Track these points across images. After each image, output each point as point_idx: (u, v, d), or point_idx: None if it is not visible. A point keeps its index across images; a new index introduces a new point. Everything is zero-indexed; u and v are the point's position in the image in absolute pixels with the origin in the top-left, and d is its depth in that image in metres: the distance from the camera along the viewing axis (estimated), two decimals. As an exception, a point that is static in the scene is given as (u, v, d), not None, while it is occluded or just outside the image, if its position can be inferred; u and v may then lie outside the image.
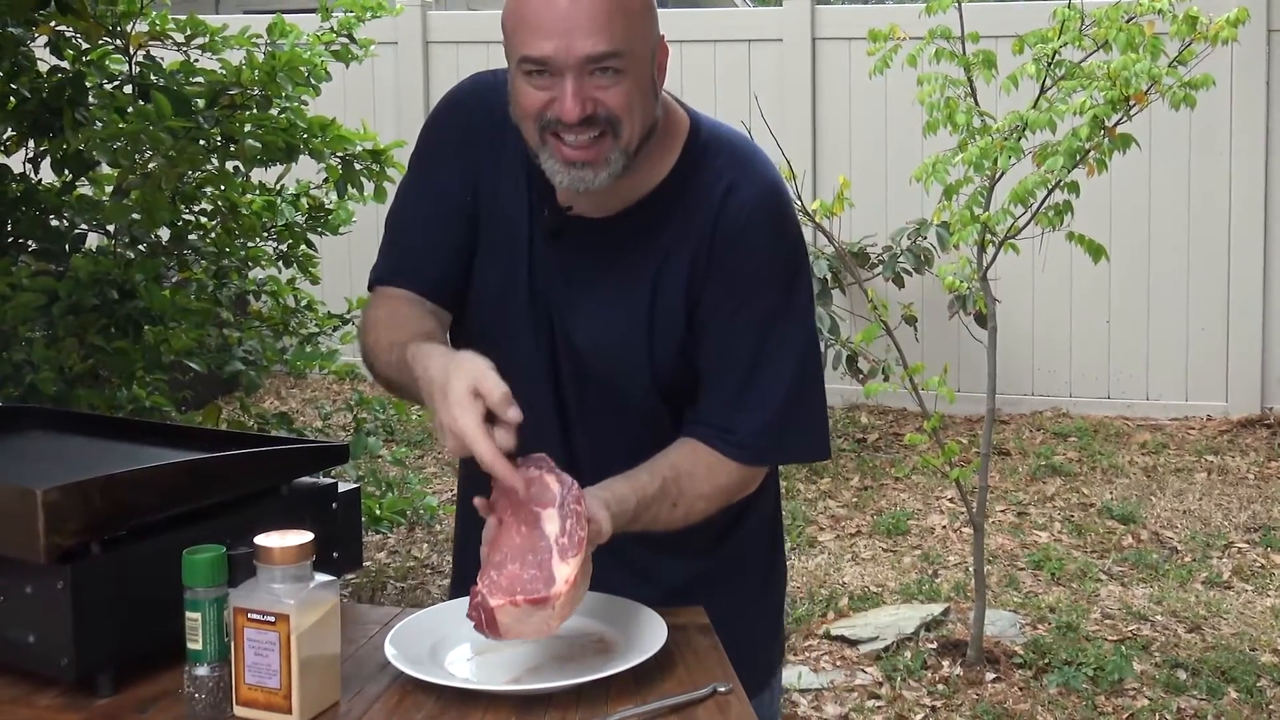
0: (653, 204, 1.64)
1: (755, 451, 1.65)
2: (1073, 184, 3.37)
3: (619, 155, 1.55)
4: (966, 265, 3.66)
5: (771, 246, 1.65)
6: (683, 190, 1.64)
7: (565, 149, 1.53)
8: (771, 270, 1.65)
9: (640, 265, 1.64)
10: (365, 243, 6.89)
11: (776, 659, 1.87)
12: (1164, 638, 4.17)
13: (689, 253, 1.63)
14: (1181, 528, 5.27)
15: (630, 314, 1.65)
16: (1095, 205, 3.74)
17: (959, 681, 3.83)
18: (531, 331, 1.69)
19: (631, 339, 1.65)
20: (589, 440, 1.70)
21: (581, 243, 1.66)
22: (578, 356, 1.68)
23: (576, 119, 1.50)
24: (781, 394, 1.64)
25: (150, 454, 1.64)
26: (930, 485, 5.77)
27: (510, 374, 1.65)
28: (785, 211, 1.68)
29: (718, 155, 1.66)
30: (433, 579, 4.88)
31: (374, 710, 1.32)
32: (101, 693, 1.35)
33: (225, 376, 3.80)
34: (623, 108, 1.52)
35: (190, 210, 3.80)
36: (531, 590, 1.32)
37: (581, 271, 1.67)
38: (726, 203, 1.62)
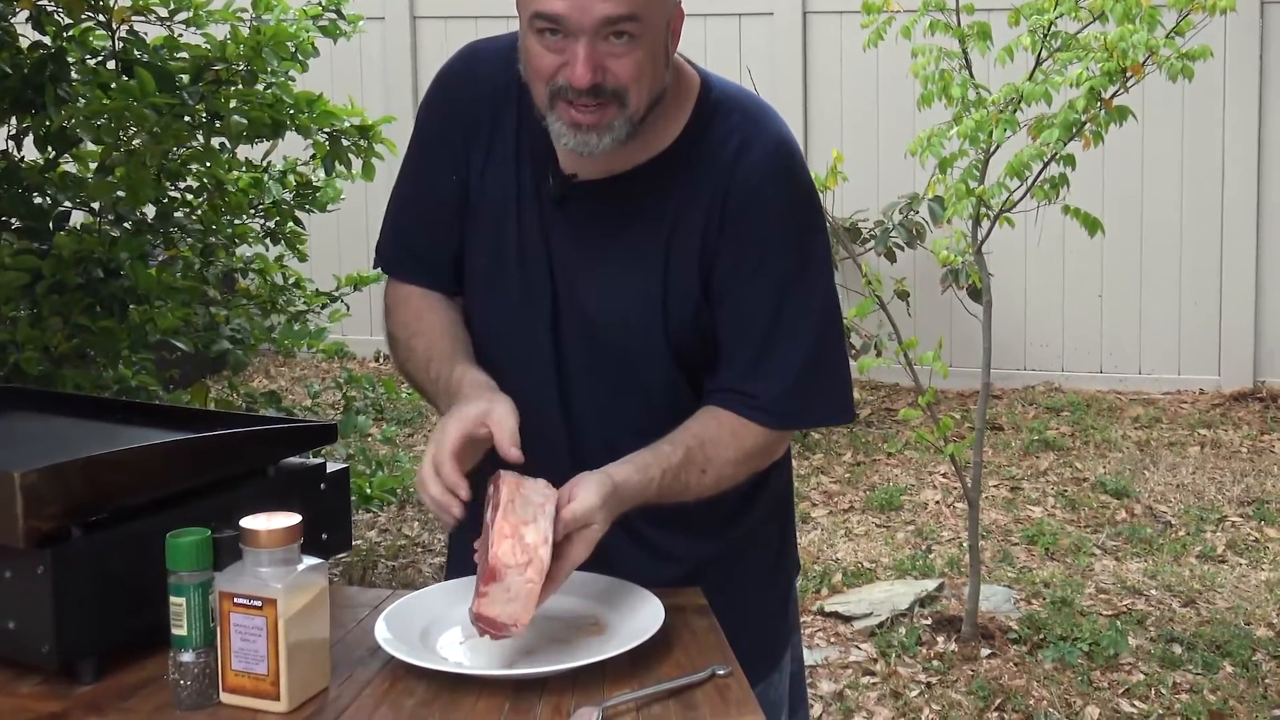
0: (662, 165, 1.61)
1: (779, 416, 1.62)
2: (1068, 157, 3.34)
3: (623, 123, 1.53)
4: (961, 239, 3.62)
5: (786, 205, 1.61)
6: (693, 150, 1.61)
7: (572, 111, 1.51)
8: (787, 229, 1.61)
9: (652, 228, 1.61)
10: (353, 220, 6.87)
11: (787, 637, 1.83)
12: (1159, 612, 4.16)
13: (702, 214, 1.59)
14: (1175, 502, 5.26)
15: (645, 279, 1.61)
16: (1088, 178, 3.71)
17: (954, 657, 3.82)
18: (526, 304, 1.65)
19: (647, 306, 1.61)
20: (596, 415, 1.66)
21: (590, 208, 1.63)
22: (589, 327, 1.64)
23: (587, 85, 1.48)
24: (802, 356, 1.61)
25: (135, 435, 1.60)
26: (923, 460, 5.74)
27: (504, 350, 1.63)
28: (798, 168, 1.64)
29: (729, 114, 1.62)
30: (424, 557, 4.85)
31: (364, 696, 1.29)
32: (84, 680, 1.32)
33: (213, 355, 3.76)
34: (631, 78, 1.50)
35: (175, 187, 3.75)
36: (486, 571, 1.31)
37: (591, 238, 1.63)
38: (739, 162, 1.59)
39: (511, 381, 1.65)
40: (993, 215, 3.50)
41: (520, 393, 1.64)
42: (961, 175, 3.43)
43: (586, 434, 1.60)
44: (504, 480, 1.38)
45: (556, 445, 1.65)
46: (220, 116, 3.17)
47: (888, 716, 3.50)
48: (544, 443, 1.61)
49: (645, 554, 1.61)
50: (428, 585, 4.63)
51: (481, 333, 1.70)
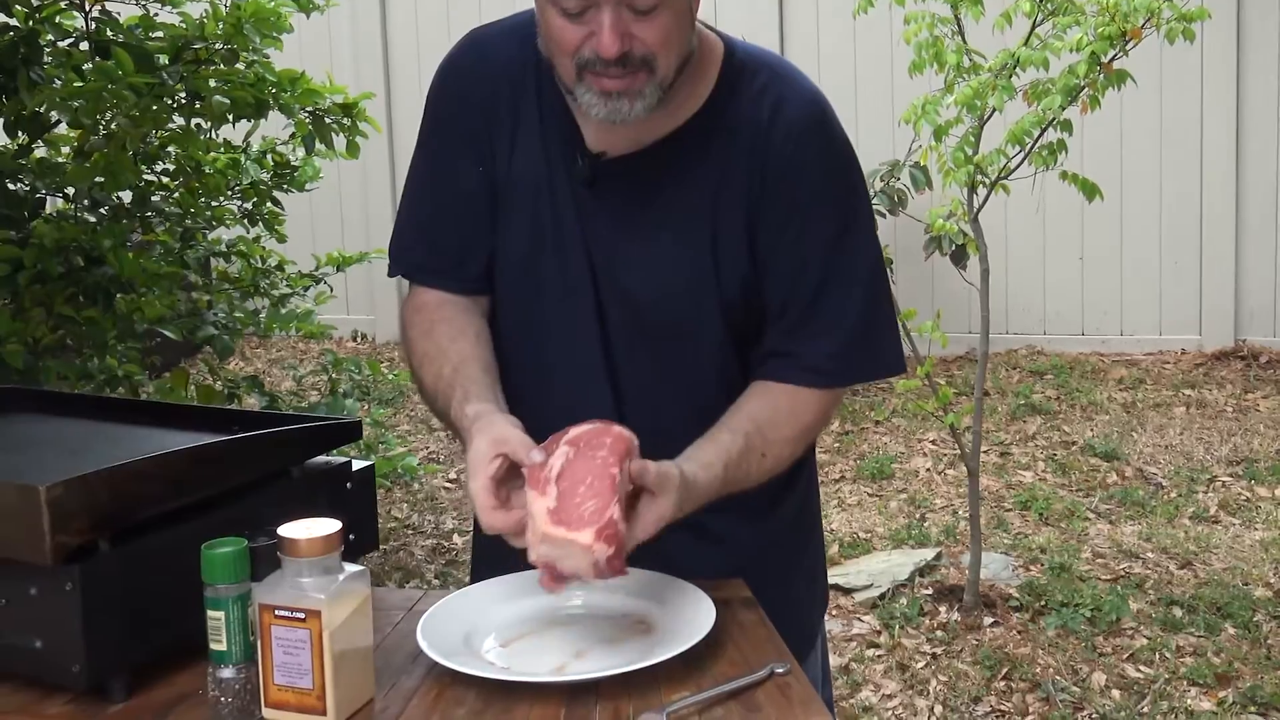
0: (694, 131, 1.56)
1: (831, 375, 1.57)
2: (1066, 122, 3.30)
3: (654, 89, 1.48)
4: (959, 207, 3.58)
5: (826, 160, 1.57)
6: (723, 114, 1.56)
7: (604, 80, 1.46)
8: (829, 185, 1.57)
9: (694, 197, 1.56)
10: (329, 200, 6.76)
11: (821, 615, 1.80)
12: (1157, 575, 4.16)
13: (744, 177, 1.54)
14: (1165, 463, 5.27)
15: (694, 251, 1.56)
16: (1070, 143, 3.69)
17: (957, 627, 3.80)
18: (566, 292, 1.60)
19: (697, 277, 1.56)
20: (646, 400, 1.60)
21: (623, 185, 1.57)
22: (635, 308, 1.58)
23: (615, 55, 1.43)
24: (854, 312, 1.57)
25: (145, 436, 1.54)
26: (911, 428, 5.73)
27: (545, 340, 1.58)
28: (833, 122, 1.60)
29: (756, 75, 1.58)
30: (414, 539, 4.80)
31: (412, 706, 1.24)
32: (115, 698, 1.26)
33: (197, 342, 3.68)
34: (660, 44, 1.45)
35: (152, 170, 3.66)
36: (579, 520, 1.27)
37: (630, 215, 1.58)
38: (775, 121, 1.54)
39: (555, 372, 1.62)
40: (989, 182, 3.46)
41: (565, 383, 1.62)
42: (959, 143, 3.38)
43: (638, 420, 1.55)
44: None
45: None
46: (201, 97, 3.08)
47: (896, 689, 3.48)
48: None
49: (693, 537, 1.55)
50: (420, 567, 4.58)
51: (519, 324, 1.65)
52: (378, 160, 7.14)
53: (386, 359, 7.06)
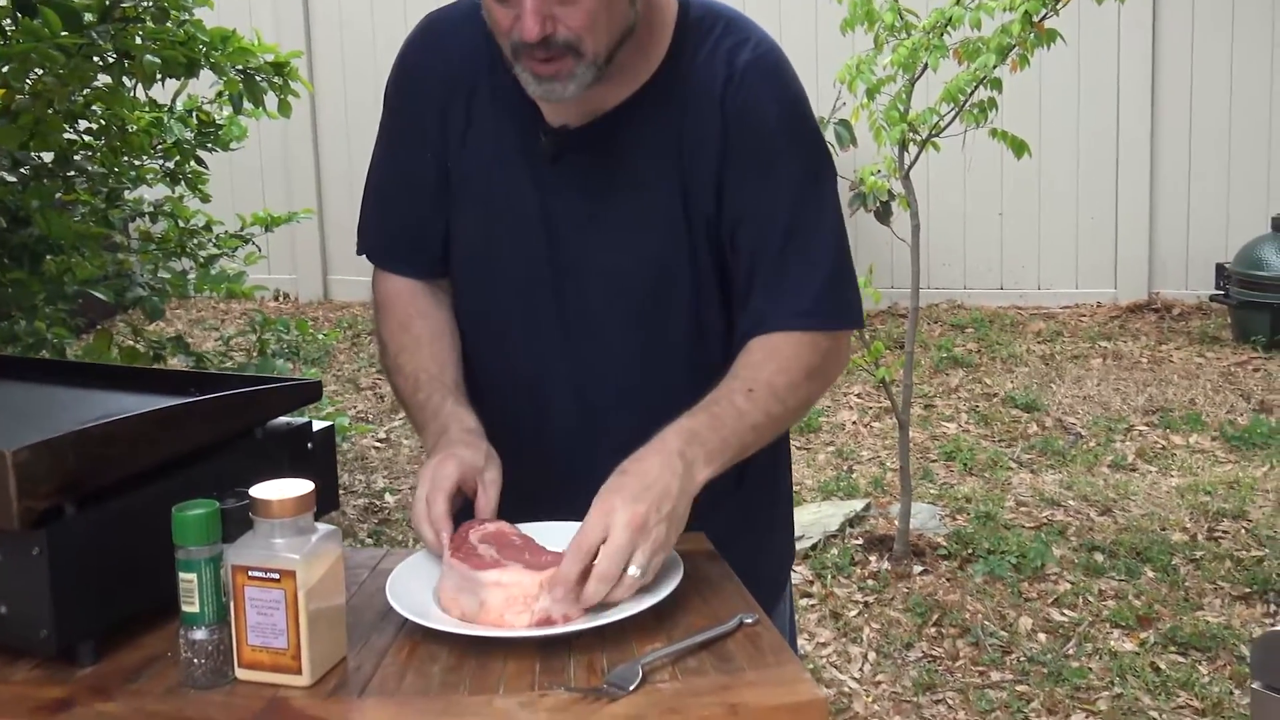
0: (652, 94, 1.57)
1: (823, 315, 1.57)
2: (996, 80, 3.35)
3: (586, 70, 1.48)
4: (891, 164, 3.62)
5: (786, 106, 1.56)
6: (682, 72, 1.56)
7: (533, 64, 1.47)
8: (792, 130, 1.56)
9: (657, 160, 1.56)
10: (250, 159, 6.65)
11: (787, 574, 1.83)
12: (1078, 522, 4.27)
13: (707, 132, 1.55)
14: (1083, 413, 5.40)
15: (666, 214, 1.56)
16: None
17: (888, 576, 3.88)
18: (527, 272, 1.62)
19: (670, 240, 1.57)
20: (615, 380, 1.62)
21: (585, 157, 1.58)
22: (606, 279, 1.59)
23: (535, 38, 1.44)
24: (829, 256, 1.58)
25: (101, 399, 1.53)
26: (838, 382, 5.80)
27: (504, 323, 1.65)
28: (789, 69, 1.60)
29: (711, 29, 1.58)
30: (346, 499, 4.78)
31: (386, 664, 1.25)
32: (83, 663, 1.26)
33: (126, 304, 3.63)
34: (583, 28, 1.45)
35: (74, 129, 3.58)
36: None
37: (595, 187, 1.58)
38: (732, 72, 1.55)
39: (516, 356, 1.64)
40: (920, 140, 3.51)
41: (528, 364, 1.64)
42: (892, 101, 3.42)
43: (606, 406, 1.57)
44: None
45: (570, 421, 1.64)
46: (131, 56, 3.01)
47: (830, 637, 3.56)
48: (558, 420, 1.64)
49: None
50: (353, 527, 4.56)
51: (480, 308, 1.67)
52: (299, 117, 7.00)
53: (310, 318, 6.99)
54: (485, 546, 1.36)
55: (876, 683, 3.33)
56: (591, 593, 1.30)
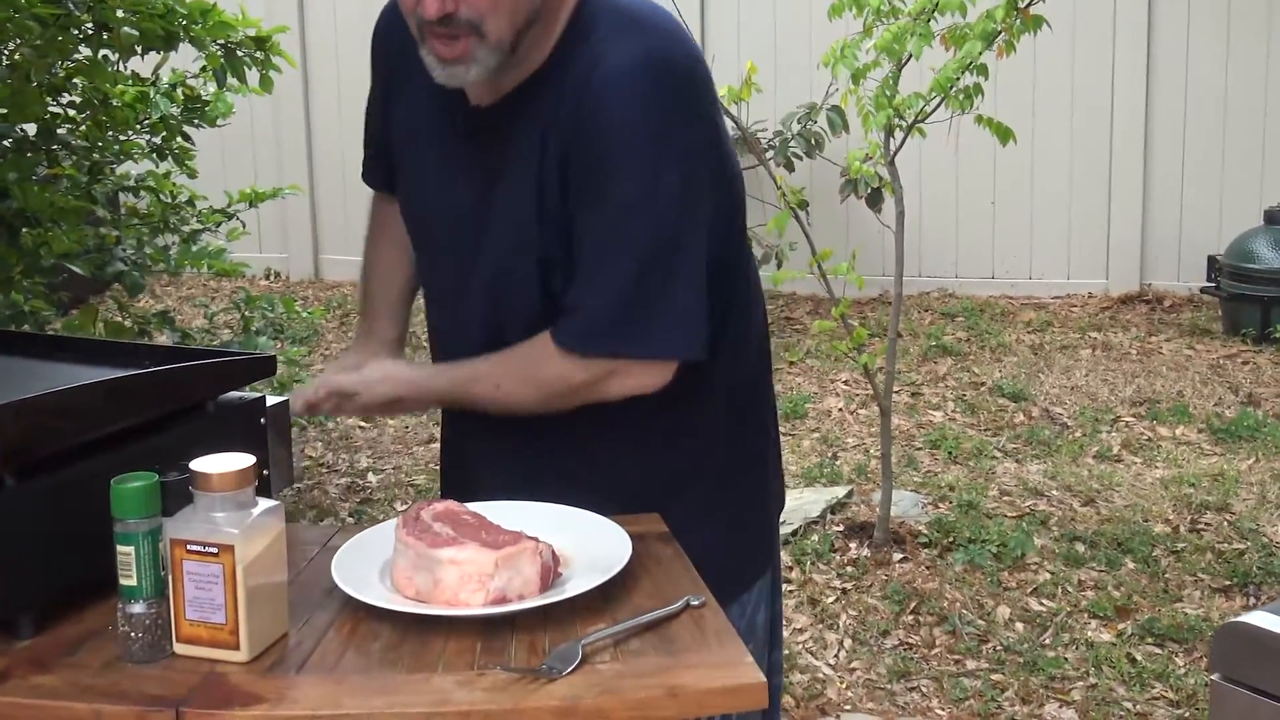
0: (535, 83, 1.57)
1: (576, 337, 1.53)
2: (982, 67, 3.33)
3: (489, 53, 1.50)
4: (876, 150, 3.60)
5: (633, 124, 1.50)
6: (562, 67, 1.55)
7: (436, 44, 1.50)
8: (632, 150, 1.50)
9: (526, 155, 1.56)
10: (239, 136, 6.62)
11: (750, 573, 1.76)
12: (1061, 512, 4.27)
13: (561, 136, 1.53)
14: (1070, 404, 5.38)
15: (523, 205, 1.57)
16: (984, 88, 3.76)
17: (868, 563, 3.87)
18: (436, 245, 1.72)
19: (524, 233, 1.57)
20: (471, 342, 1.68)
21: (489, 136, 1.61)
22: (482, 261, 1.63)
23: (435, 16, 1.46)
24: (621, 282, 1.51)
25: (62, 372, 1.52)
26: (825, 369, 5.79)
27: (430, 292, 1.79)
28: (656, 83, 1.51)
29: (598, 27, 1.54)
30: (329, 478, 4.78)
31: (326, 641, 1.24)
32: (22, 635, 1.25)
33: (106, 279, 3.61)
34: (486, 8, 1.46)
35: (58, 102, 3.56)
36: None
37: (492, 165, 1.61)
38: (591, 76, 1.50)
39: (431, 311, 1.78)
40: (905, 126, 3.49)
41: (434, 321, 1.77)
42: (878, 87, 3.40)
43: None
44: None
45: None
46: (109, 28, 3.00)
47: (806, 623, 3.55)
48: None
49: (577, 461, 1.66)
50: (335, 506, 4.55)
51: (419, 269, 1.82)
52: (291, 95, 7.02)
53: (300, 297, 6.98)
54: (440, 525, 1.35)
55: (851, 669, 3.32)
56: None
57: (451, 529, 1.33)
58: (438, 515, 1.36)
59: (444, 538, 1.30)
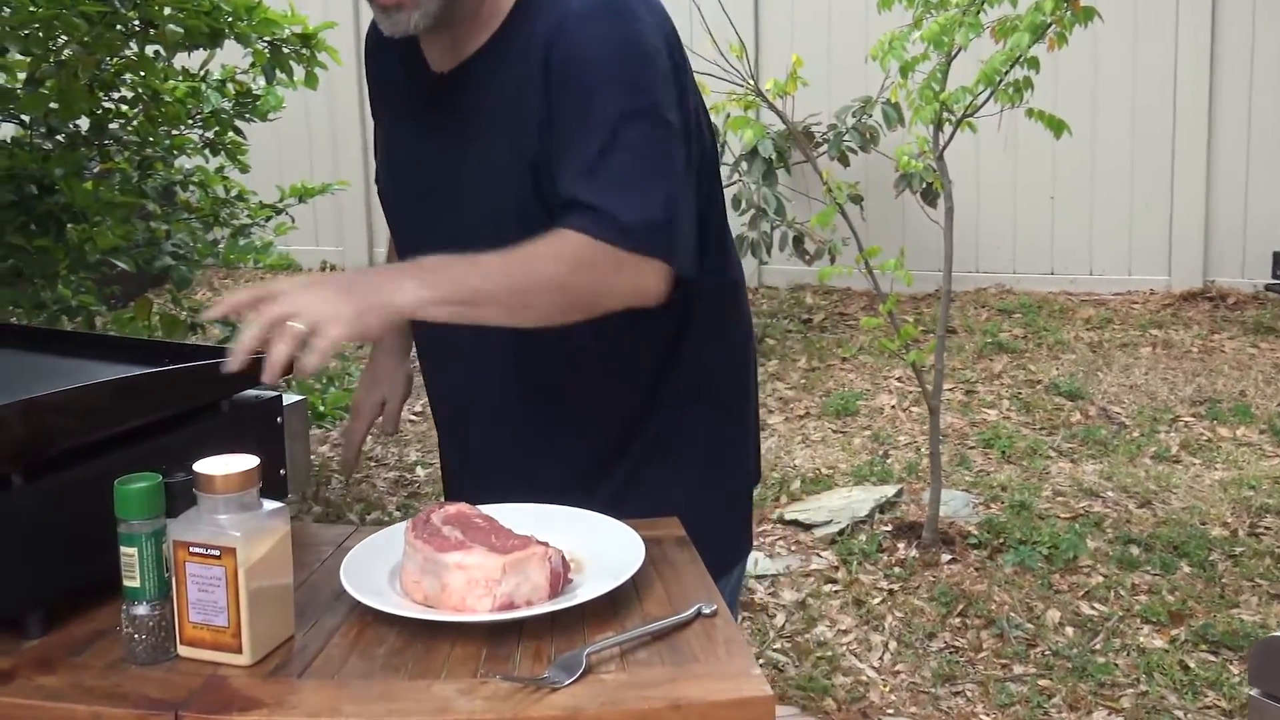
0: (503, 39, 1.56)
1: (618, 229, 1.46)
2: (1033, 59, 3.26)
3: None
4: (924, 144, 3.54)
5: (603, 47, 1.49)
6: (528, 18, 1.54)
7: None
8: (606, 70, 1.49)
9: (505, 108, 1.55)
10: (295, 130, 6.66)
11: (729, 558, 1.76)
12: (1115, 514, 4.18)
13: (536, 78, 1.52)
14: (1128, 403, 5.29)
15: (514, 161, 1.55)
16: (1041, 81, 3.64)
17: (915, 563, 3.82)
18: (409, 221, 1.73)
19: (520, 190, 1.55)
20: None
21: (457, 104, 1.61)
22: (465, 229, 1.58)
23: None
24: (641, 181, 1.49)
25: (82, 369, 1.51)
26: (878, 365, 5.73)
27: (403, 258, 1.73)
28: (622, 11, 1.52)
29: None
30: (378, 471, 4.79)
31: (332, 645, 1.23)
32: (31, 635, 1.24)
33: (154, 272, 3.64)
34: None
35: (110, 98, 3.59)
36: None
37: (464, 134, 1.60)
38: (561, 22, 1.50)
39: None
40: (955, 120, 3.43)
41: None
42: (925, 80, 3.34)
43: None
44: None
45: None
46: (155, 25, 3.01)
47: (851, 624, 3.50)
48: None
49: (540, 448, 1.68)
50: (382, 500, 4.56)
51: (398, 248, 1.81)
52: (346, 89, 7.05)
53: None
54: (449, 528, 1.33)
55: (895, 672, 3.27)
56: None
57: (461, 532, 1.31)
58: (448, 518, 1.34)
59: (452, 541, 1.28)
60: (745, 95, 3.89)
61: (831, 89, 6.41)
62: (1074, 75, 6.36)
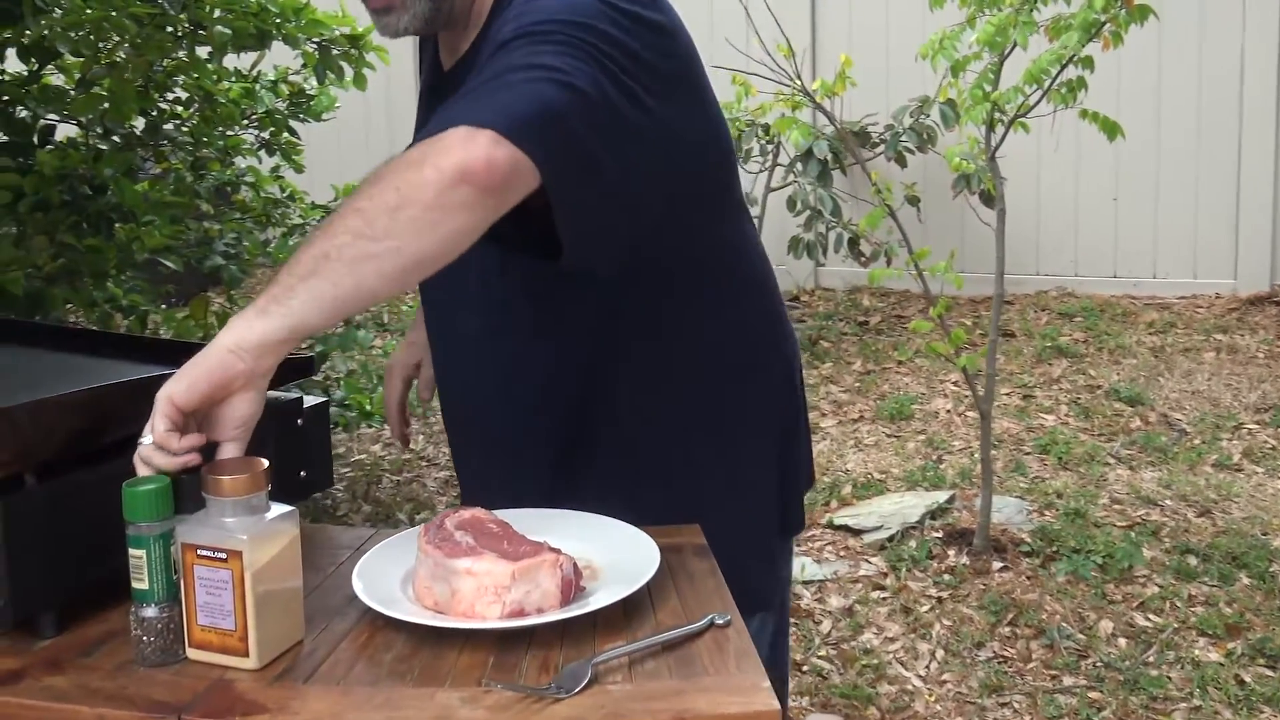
0: (482, 42, 1.55)
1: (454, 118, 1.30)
2: (1087, 59, 3.19)
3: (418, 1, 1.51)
4: (975, 145, 3.49)
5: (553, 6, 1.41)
6: (500, 19, 1.51)
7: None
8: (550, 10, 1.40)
9: None
10: (352, 130, 6.70)
11: (765, 593, 1.70)
12: (1174, 523, 4.09)
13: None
14: (1190, 409, 5.18)
15: None
16: (1104, 80, 3.57)
17: (965, 571, 3.76)
18: None
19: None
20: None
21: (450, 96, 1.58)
22: None
23: None
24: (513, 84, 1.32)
25: (104, 369, 1.52)
26: (934, 368, 5.66)
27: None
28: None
29: None
30: (429, 471, 4.80)
31: (340, 650, 1.22)
32: (44, 634, 1.25)
33: (205, 272, 3.67)
34: None
35: (164, 99, 3.63)
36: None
37: None
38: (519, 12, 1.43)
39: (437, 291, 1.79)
40: (1007, 120, 3.37)
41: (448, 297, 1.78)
42: (977, 79, 3.28)
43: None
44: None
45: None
46: (203, 26, 3.03)
47: (898, 631, 3.45)
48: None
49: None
50: (432, 499, 4.57)
51: None
52: (404, 90, 7.08)
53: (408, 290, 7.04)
54: (462, 534, 1.31)
55: (941, 682, 3.22)
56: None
57: (473, 538, 1.29)
58: (462, 523, 1.32)
59: (463, 547, 1.27)
60: (793, 95, 3.84)
61: (889, 89, 6.34)
62: (1137, 74, 6.25)
